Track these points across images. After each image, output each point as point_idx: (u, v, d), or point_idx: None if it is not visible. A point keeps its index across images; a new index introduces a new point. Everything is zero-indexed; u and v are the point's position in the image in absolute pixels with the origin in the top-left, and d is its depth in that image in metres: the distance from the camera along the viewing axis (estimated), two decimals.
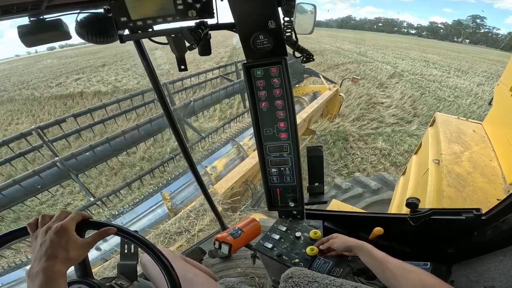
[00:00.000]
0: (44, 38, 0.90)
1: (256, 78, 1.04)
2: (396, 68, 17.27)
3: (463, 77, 16.21)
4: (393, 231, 1.22)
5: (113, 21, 0.92)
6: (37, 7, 0.83)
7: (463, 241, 1.11)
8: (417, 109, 10.00)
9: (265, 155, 1.16)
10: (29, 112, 12.60)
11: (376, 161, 6.56)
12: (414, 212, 1.13)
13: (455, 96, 11.84)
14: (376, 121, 8.76)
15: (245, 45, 0.96)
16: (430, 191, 1.88)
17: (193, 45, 0.86)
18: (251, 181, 3.72)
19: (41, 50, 68.82)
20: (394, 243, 1.27)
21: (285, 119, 1.07)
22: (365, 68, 16.89)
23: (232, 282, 1.17)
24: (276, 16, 0.90)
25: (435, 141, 2.44)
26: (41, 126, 4.03)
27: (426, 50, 30.58)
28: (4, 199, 3.45)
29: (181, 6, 0.85)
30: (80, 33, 0.94)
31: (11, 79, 21.42)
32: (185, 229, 2.85)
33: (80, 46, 56.57)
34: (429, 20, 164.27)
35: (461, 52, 33.19)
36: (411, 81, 13.92)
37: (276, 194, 1.24)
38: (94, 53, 32.44)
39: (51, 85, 16.57)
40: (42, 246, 0.61)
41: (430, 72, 16.92)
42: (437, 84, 13.78)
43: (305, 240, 1.16)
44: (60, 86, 15.93)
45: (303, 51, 0.94)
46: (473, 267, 0.99)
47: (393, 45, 33.70)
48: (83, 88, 14.70)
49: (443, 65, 20.37)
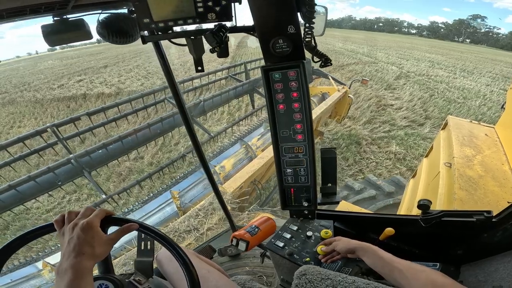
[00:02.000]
0: (67, 38, 0.92)
1: (274, 81, 1.06)
2: (402, 69, 17.10)
3: (469, 77, 16.02)
4: (402, 232, 1.23)
5: (135, 22, 0.94)
6: (63, 6, 0.85)
7: (473, 242, 1.12)
8: (428, 111, 9.82)
9: (281, 156, 1.18)
10: (32, 115, 12.24)
11: (391, 165, 6.41)
12: (425, 214, 1.14)
13: (464, 98, 11.68)
14: (387, 124, 8.61)
15: (264, 49, 0.98)
16: (441, 193, 1.89)
17: (215, 48, 0.88)
18: (259, 181, 3.74)
19: (42, 51, 69.41)
20: (403, 244, 1.28)
21: (301, 121, 1.09)
22: (371, 69, 16.73)
23: (243, 279, 1.19)
24: (296, 22, 0.91)
25: (447, 144, 2.44)
26: (56, 124, 4.09)
27: (429, 50, 30.38)
28: (19, 195, 3.50)
29: (201, 8, 0.87)
30: (102, 33, 0.96)
31: (12, 81, 21.10)
32: (194, 228, 2.87)
33: (81, 47, 56.81)
34: (429, 19, 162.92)
35: (463, 52, 32.91)
36: (418, 82, 13.76)
37: (290, 194, 1.26)
38: (95, 54, 32.15)
39: (53, 86, 16.29)
40: (70, 243, 0.62)
41: (436, 72, 16.74)
42: (444, 85, 13.62)
43: (316, 240, 1.18)
44: (63, 88, 15.65)
45: (321, 55, 0.96)
46: (482, 267, 1.00)
47: (396, 45, 33.42)
48: (86, 90, 14.45)
49: (448, 65, 20.16)
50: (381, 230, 1.24)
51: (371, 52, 25.07)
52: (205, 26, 0.94)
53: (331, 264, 1.07)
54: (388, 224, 1.23)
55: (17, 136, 3.99)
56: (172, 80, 1.21)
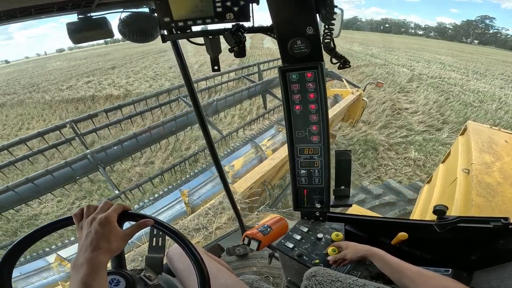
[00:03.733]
0: (91, 36, 0.94)
1: (291, 82, 1.05)
2: (413, 71, 16.71)
3: (482, 80, 15.59)
4: (415, 237, 1.22)
5: (155, 21, 0.96)
6: (89, 4, 0.87)
7: (487, 249, 1.10)
8: (444, 115, 9.53)
9: (296, 157, 1.18)
10: (40, 117, 11.97)
11: (411, 172, 6.18)
12: (440, 219, 1.12)
13: (480, 101, 11.35)
14: (404, 129, 8.36)
15: (282, 49, 0.98)
16: (458, 199, 1.86)
17: (234, 48, 0.89)
18: (269, 182, 3.75)
19: (51, 51, 71.10)
20: (415, 249, 1.27)
21: (317, 123, 1.09)
22: (382, 71, 16.40)
23: (251, 279, 1.19)
24: (315, 23, 0.91)
25: (466, 150, 2.40)
26: (74, 120, 4.23)
27: (439, 51, 29.59)
28: (36, 188, 3.59)
29: (220, 8, 0.88)
30: (123, 31, 0.97)
31: (21, 82, 20.76)
32: (203, 226, 2.89)
33: (88, 48, 56.72)
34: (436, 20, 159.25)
35: (473, 53, 32.00)
36: (432, 85, 13.45)
37: (303, 195, 1.25)
38: (103, 55, 31.94)
39: (61, 88, 16.08)
40: (87, 237, 0.62)
41: (449, 75, 16.34)
42: (459, 88, 13.28)
43: (326, 242, 1.17)
44: (71, 89, 15.46)
45: (340, 57, 0.95)
46: (496, 274, 0.99)
47: (404, 47, 32.52)
48: (95, 92, 14.20)
49: (459, 67, 19.70)
50: (393, 234, 1.23)
51: (380, 53, 24.61)
52: (223, 26, 0.95)
53: (340, 267, 1.06)
54: (401, 229, 1.21)
55: (37, 131, 4.16)
56: (189, 79, 1.23)
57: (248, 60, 17.07)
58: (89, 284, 0.55)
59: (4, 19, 0.77)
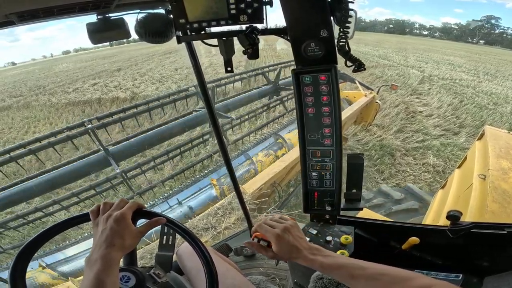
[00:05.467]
0: (109, 36, 0.96)
1: (304, 84, 1.05)
2: (424, 73, 16.44)
3: (494, 81, 15.26)
4: (427, 242, 1.21)
5: (170, 22, 0.97)
6: (108, 5, 0.90)
7: (500, 255, 1.10)
8: (460, 118, 9.29)
9: (307, 159, 1.17)
10: (47, 120, 11.84)
11: (431, 179, 5.96)
12: (454, 225, 1.12)
13: (494, 103, 11.08)
14: (420, 133, 8.15)
15: (295, 52, 0.98)
16: (472, 205, 1.83)
17: (248, 49, 0.90)
18: (279, 183, 3.76)
19: (57, 53, 71.80)
20: (426, 254, 1.26)
21: (330, 126, 1.08)
22: (392, 72, 16.15)
23: (258, 280, 1.19)
24: (329, 26, 0.91)
25: (483, 155, 2.36)
26: (95, 117, 4.51)
27: (446, 52, 29.02)
28: (52, 180, 3.78)
29: (234, 10, 0.89)
30: (139, 32, 0.99)
31: (27, 84, 20.71)
32: (212, 226, 2.91)
33: (94, 50, 56.49)
34: (441, 21, 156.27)
35: (480, 53, 31.13)
36: (444, 87, 13.20)
37: (314, 197, 1.24)
38: (108, 57, 31.81)
39: (68, 90, 16.06)
40: (103, 233, 0.64)
41: (460, 76, 16.02)
42: (471, 90, 12.99)
43: (335, 245, 1.16)
44: (77, 92, 15.43)
45: (355, 60, 0.94)
46: (507, 279, 0.99)
47: (411, 47, 31.79)
48: (101, 94, 14.13)
49: (469, 68, 19.31)
50: (403, 239, 1.22)
51: (387, 54, 24.24)
52: (236, 28, 0.96)
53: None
54: (413, 233, 1.21)
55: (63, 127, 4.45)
56: (202, 80, 1.24)
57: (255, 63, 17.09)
58: (102, 280, 0.56)
59: (27, 19, 0.79)
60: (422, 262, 1.25)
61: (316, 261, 0.69)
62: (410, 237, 1.19)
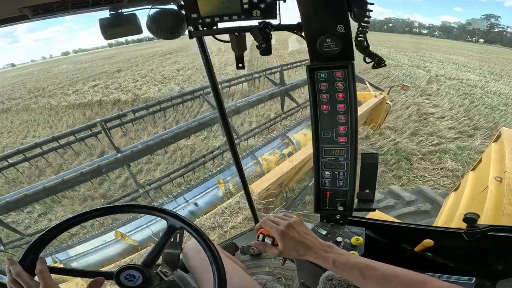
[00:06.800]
0: (121, 32, 0.96)
1: (319, 81, 1.03)
2: (430, 72, 16.17)
3: (500, 81, 14.96)
4: (440, 245, 1.18)
5: (182, 17, 0.96)
6: (120, 0, 0.89)
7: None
8: (473, 120, 9.08)
9: (321, 158, 1.15)
10: (46, 123, 11.42)
11: (451, 184, 5.72)
12: (471, 228, 1.09)
13: (504, 104, 10.88)
14: (435, 136, 7.95)
15: (310, 47, 0.96)
16: (488, 208, 1.80)
17: (262, 44, 0.88)
18: (286, 184, 3.75)
19: (56, 55, 71.16)
20: (438, 257, 1.23)
21: (345, 123, 1.06)
22: (398, 72, 15.88)
23: (265, 279, 1.17)
24: (346, 21, 0.89)
25: (499, 157, 2.32)
26: (104, 119, 4.52)
27: (448, 51, 28.38)
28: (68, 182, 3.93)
29: (247, 5, 0.87)
30: (151, 28, 0.98)
31: (26, 85, 20.19)
32: (219, 225, 2.92)
33: (93, 51, 55.98)
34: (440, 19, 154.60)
35: (482, 52, 30.31)
36: (452, 87, 12.97)
37: (326, 197, 1.22)
38: (108, 58, 31.16)
39: (68, 92, 15.66)
40: None
41: (466, 76, 15.74)
42: (480, 90, 12.76)
43: (345, 246, 1.13)
44: (77, 94, 14.98)
45: (374, 56, 0.91)
46: None
47: (412, 47, 31.11)
48: (102, 96, 13.71)
49: (474, 67, 18.95)
50: (416, 241, 1.20)
51: (390, 54, 23.74)
52: (249, 24, 0.94)
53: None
54: (427, 236, 1.18)
55: (70, 130, 4.57)
56: (213, 76, 1.24)
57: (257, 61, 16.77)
58: None
59: (41, 13, 0.79)
60: (434, 265, 1.23)
61: (329, 258, 0.66)
62: (423, 239, 1.17)
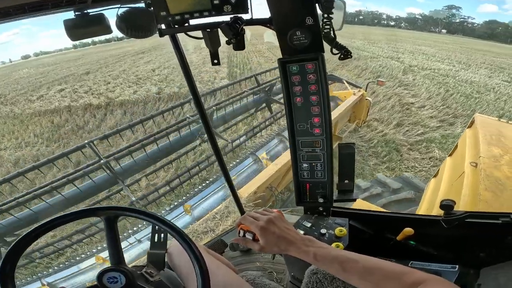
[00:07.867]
0: (89, 32, 0.94)
1: (291, 74, 1.04)
2: (403, 63, 16.60)
3: (469, 70, 15.56)
4: (422, 233, 1.20)
5: (152, 15, 0.93)
6: (84, 1, 0.87)
7: (496, 245, 1.09)
8: (451, 108, 9.38)
9: (297, 150, 1.16)
10: (12, 134, 10.30)
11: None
12: (448, 215, 1.11)
13: (477, 92, 11.31)
14: (419, 125, 8.17)
15: (281, 41, 0.96)
16: (465, 194, 1.83)
17: (232, 40, 0.87)
18: (276, 187, 3.81)
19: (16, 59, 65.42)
20: (421, 245, 1.25)
21: (319, 115, 1.07)
22: (374, 64, 16.12)
23: (253, 275, 1.17)
24: (314, 13, 0.89)
25: (473, 143, 2.36)
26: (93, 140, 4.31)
27: (416, 42, 29.15)
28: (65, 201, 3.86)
29: (217, 1, 0.86)
30: (121, 27, 0.96)
31: None
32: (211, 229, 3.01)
33: (57, 53, 53.53)
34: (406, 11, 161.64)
35: (447, 43, 31.21)
36: (427, 77, 13.39)
37: (306, 189, 1.23)
38: (73, 60, 28.84)
39: (31, 98, 14.35)
40: None
41: (437, 66, 16.26)
42: (452, 79, 13.20)
43: (329, 237, 1.14)
44: (43, 100, 13.79)
45: (341, 47, 0.92)
46: (504, 270, 0.99)
47: (384, 38, 31.45)
48: (70, 102, 12.68)
49: (443, 57, 19.54)
50: (399, 230, 1.21)
51: (364, 46, 24.15)
52: (221, 19, 0.92)
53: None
54: (407, 224, 1.20)
55: (62, 152, 4.38)
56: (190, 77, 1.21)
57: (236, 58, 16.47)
58: None
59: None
60: (418, 253, 1.25)
61: (310, 252, 0.67)
62: (404, 228, 1.19)
